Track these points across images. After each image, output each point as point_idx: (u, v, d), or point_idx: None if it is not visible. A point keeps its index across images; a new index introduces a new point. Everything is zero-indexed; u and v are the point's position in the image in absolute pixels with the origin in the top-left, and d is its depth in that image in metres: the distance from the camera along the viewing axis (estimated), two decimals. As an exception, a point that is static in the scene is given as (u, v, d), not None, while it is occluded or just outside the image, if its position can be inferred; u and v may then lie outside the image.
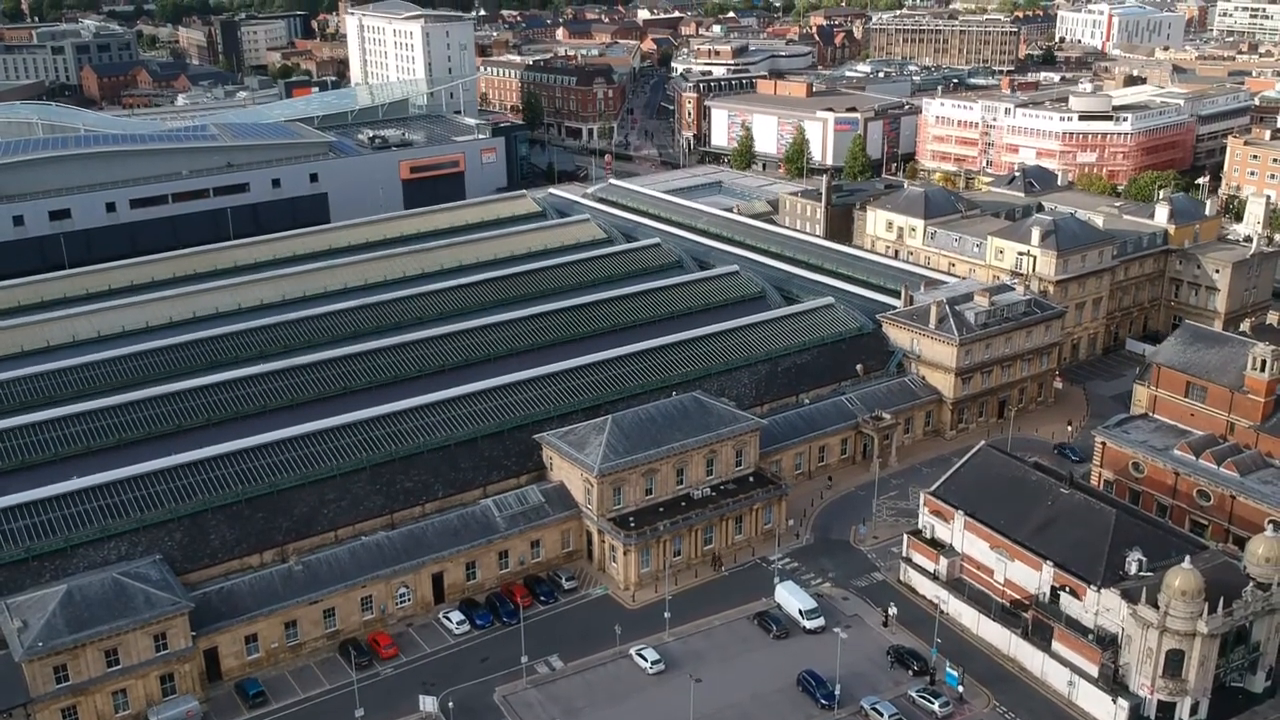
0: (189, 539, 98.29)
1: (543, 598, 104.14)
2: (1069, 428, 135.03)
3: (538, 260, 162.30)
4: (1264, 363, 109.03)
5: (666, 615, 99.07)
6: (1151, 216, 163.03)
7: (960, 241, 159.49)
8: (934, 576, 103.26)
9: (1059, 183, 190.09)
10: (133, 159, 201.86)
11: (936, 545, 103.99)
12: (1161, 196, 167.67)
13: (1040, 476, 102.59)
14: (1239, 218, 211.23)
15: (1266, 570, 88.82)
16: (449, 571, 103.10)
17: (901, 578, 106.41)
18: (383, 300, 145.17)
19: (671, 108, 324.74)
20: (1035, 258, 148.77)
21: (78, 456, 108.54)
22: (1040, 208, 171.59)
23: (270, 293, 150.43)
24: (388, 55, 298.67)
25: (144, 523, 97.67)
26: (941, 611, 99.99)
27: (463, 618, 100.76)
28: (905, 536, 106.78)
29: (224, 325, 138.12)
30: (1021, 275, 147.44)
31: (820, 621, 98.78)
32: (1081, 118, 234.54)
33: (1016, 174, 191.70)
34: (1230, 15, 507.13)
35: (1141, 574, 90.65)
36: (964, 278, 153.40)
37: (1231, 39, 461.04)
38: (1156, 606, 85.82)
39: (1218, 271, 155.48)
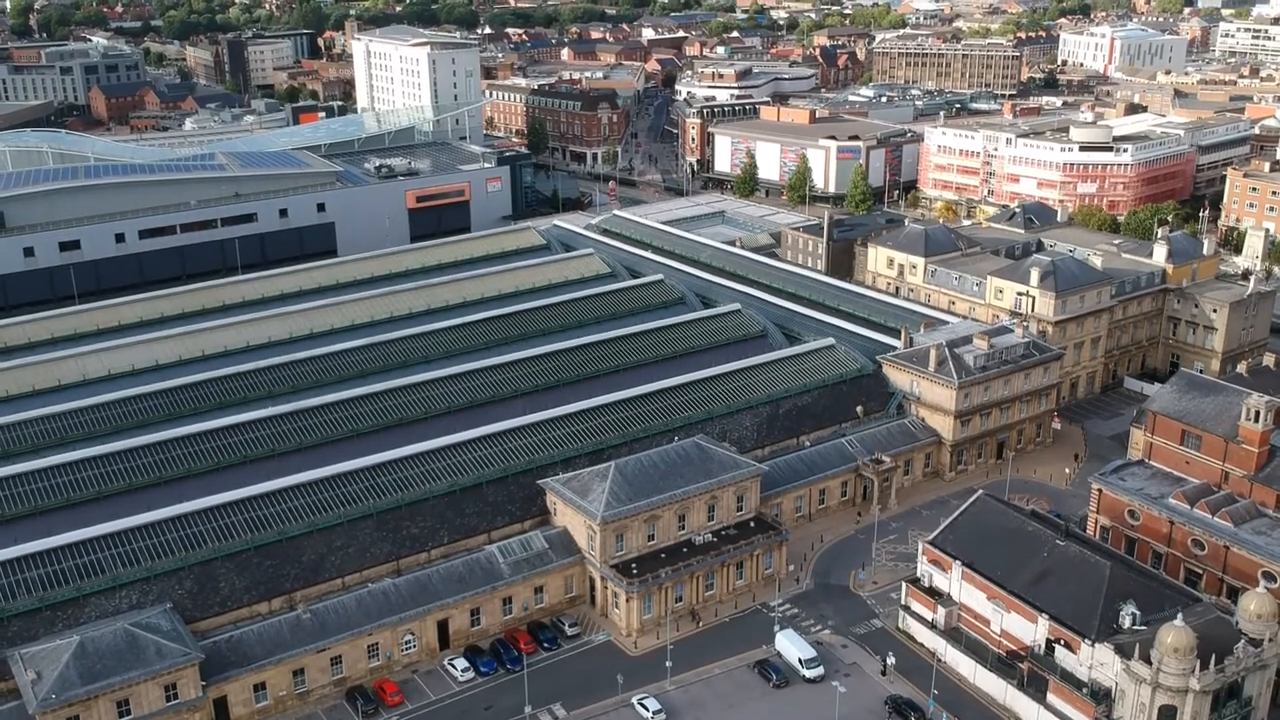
0: (199, 587, 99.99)
1: (546, 644, 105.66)
2: (1068, 471, 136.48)
3: (542, 296, 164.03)
4: (1258, 413, 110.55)
5: (668, 664, 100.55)
6: (1150, 255, 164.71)
7: (960, 280, 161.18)
8: (932, 625, 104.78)
9: (1058, 218, 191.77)
10: (142, 189, 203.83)
11: (935, 594, 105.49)
12: (1160, 235, 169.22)
13: (1036, 527, 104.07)
14: (1238, 250, 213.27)
15: (1258, 626, 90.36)
16: (454, 618, 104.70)
17: (900, 625, 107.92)
18: (389, 339, 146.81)
19: (675, 131, 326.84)
20: (1034, 298, 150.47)
21: (89, 502, 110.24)
22: (1040, 244, 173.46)
23: (278, 330, 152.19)
24: (394, 81, 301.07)
25: (154, 571, 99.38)
26: (939, 661, 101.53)
27: (467, 665, 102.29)
28: (904, 585, 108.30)
29: (232, 365, 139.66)
30: (1021, 315, 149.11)
31: (820, 671, 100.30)
32: (1082, 149, 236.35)
33: (1016, 210, 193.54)
34: (1232, 36, 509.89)
35: (1135, 628, 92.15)
36: (965, 316, 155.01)
37: (1233, 60, 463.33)
38: (1149, 662, 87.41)
39: (1215, 311, 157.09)
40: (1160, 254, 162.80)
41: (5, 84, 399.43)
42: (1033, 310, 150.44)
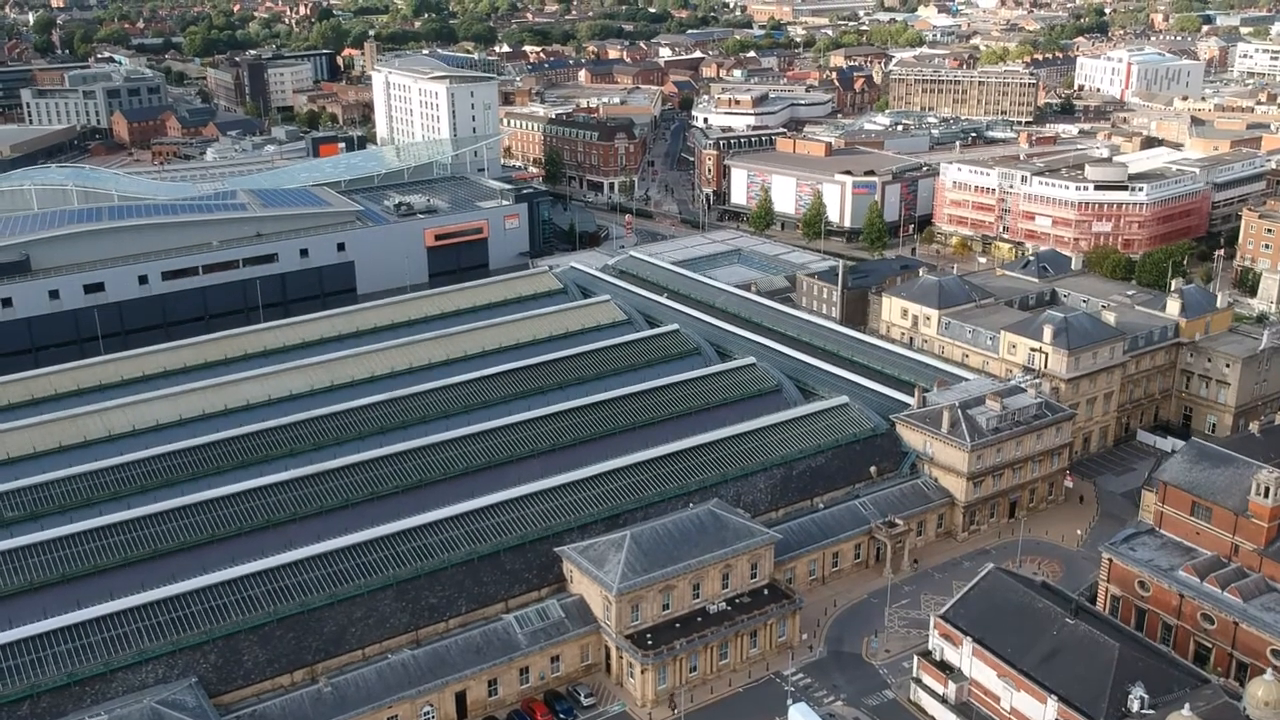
0: (223, 660, 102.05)
1: (562, 714, 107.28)
2: (1079, 532, 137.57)
3: (559, 346, 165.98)
4: (1268, 489, 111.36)
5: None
6: (1163, 308, 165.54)
7: (974, 334, 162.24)
8: (943, 700, 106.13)
9: (1072, 266, 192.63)
10: (165, 231, 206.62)
11: (946, 668, 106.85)
12: (1174, 288, 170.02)
13: (1046, 603, 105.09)
14: (1253, 292, 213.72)
15: (1266, 714, 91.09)
16: (472, 689, 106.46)
17: (911, 697, 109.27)
18: (407, 394, 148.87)
19: (692, 159, 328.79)
20: (1047, 355, 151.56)
21: (115, 569, 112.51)
22: (1054, 295, 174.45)
23: (299, 383, 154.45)
24: (413, 113, 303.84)
25: (180, 645, 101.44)
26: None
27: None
28: (915, 657, 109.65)
29: (254, 420, 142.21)
30: (1034, 371, 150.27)
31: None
32: (1097, 187, 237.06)
33: (1030, 258, 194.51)
34: (1251, 57, 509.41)
35: (1143, 711, 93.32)
36: (979, 370, 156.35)
37: (1251, 82, 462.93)
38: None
39: (1228, 366, 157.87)
40: (1174, 307, 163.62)
41: (30, 107, 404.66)
42: (1045, 366, 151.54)
